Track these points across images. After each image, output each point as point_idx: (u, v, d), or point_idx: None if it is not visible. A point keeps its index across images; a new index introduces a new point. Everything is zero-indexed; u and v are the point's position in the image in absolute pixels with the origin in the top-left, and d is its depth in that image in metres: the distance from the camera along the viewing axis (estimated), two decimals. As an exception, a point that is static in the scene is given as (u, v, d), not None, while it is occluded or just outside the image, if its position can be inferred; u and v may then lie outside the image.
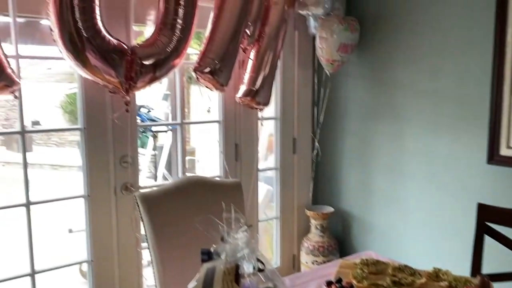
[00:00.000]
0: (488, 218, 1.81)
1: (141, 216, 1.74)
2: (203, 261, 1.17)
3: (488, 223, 1.81)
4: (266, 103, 2.62)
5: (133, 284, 2.37)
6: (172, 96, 2.66)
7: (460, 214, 2.37)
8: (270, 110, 2.87)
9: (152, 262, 1.73)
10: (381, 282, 1.38)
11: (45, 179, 7.11)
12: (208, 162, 5.94)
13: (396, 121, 2.66)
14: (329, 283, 1.33)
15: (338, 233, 3.05)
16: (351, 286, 1.32)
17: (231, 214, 1.16)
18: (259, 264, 1.15)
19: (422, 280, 1.41)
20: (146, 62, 2.06)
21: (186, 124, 2.61)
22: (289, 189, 3.03)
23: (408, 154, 2.62)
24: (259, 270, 1.15)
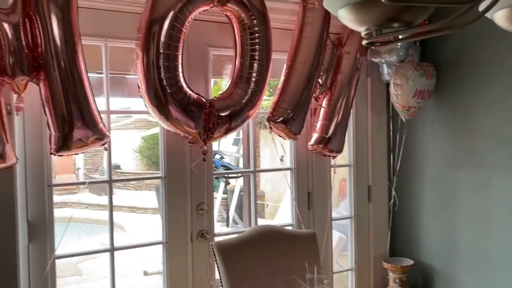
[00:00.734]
0: None
1: (217, 265, 1.76)
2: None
3: None
4: (339, 151, 2.60)
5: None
6: (244, 143, 2.73)
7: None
8: (343, 157, 2.83)
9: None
10: None
11: (124, 221, 7.47)
12: (278, 207, 5.93)
13: (480, 169, 2.49)
14: None
15: (419, 288, 2.85)
16: None
17: (314, 274, 1.14)
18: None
19: None
20: (223, 114, 2.15)
21: (259, 171, 2.62)
22: (364, 239, 2.92)
23: (495, 205, 2.42)
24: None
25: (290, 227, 2.57)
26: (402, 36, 0.96)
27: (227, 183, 6.19)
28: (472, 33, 2.46)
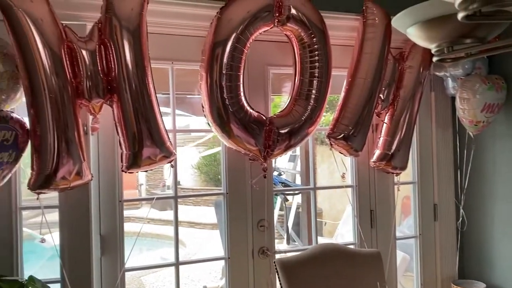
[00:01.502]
0: None
1: (280, 282, 1.76)
2: None
3: None
4: (403, 167, 2.52)
5: None
6: (302, 159, 2.72)
7: None
8: (407, 174, 2.74)
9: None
10: None
11: (184, 236, 7.65)
12: (336, 225, 5.82)
13: (560, 187, 2.31)
14: None
15: (492, 314, 2.67)
16: None
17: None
18: None
19: None
20: (283, 131, 2.17)
21: (319, 189, 2.61)
22: (431, 259, 2.79)
23: None
24: None
25: (351, 246, 2.51)
26: (474, 51, 0.93)
27: (285, 199, 6.17)
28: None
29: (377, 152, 2.48)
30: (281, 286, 1.75)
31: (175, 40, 2.19)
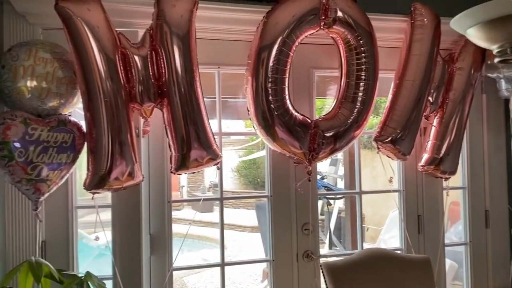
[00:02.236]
0: None
1: (326, 285, 1.75)
2: None
3: None
4: (453, 172, 2.45)
5: None
6: (346, 163, 2.70)
7: None
8: (456, 179, 2.65)
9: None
10: None
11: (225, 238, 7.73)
12: (379, 231, 5.69)
13: None
14: None
15: (550, 328, 2.52)
16: None
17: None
18: None
19: None
20: (328, 134, 2.16)
21: (365, 193, 2.58)
22: (482, 269, 2.68)
23: None
24: None
25: (398, 252, 2.46)
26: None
27: (328, 203, 6.11)
28: None
29: (425, 156, 2.42)
30: (327, 290, 1.74)
31: (221, 45, 2.23)
